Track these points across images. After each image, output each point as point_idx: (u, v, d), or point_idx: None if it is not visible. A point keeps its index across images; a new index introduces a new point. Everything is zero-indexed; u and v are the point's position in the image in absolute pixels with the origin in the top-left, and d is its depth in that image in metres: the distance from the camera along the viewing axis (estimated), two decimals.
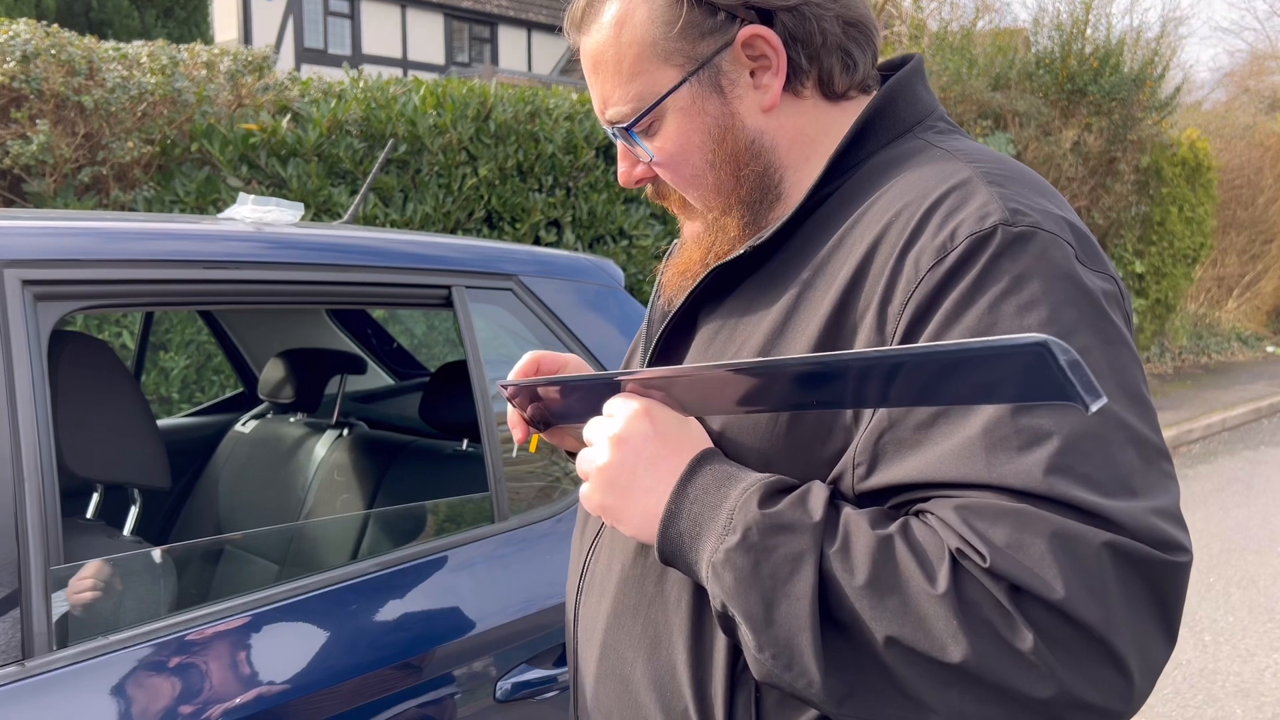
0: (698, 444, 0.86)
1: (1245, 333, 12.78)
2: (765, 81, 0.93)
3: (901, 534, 0.74)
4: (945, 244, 0.79)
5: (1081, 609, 0.68)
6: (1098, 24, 9.45)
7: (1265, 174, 12.64)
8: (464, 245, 2.00)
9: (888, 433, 0.78)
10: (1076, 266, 0.78)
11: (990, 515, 0.71)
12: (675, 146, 0.95)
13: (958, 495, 0.74)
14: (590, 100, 5.68)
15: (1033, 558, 0.69)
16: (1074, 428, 0.72)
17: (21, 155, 3.86)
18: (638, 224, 5.86)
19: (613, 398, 0.89)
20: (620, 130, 0.96)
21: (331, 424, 2.65)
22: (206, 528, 2.63)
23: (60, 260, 1.39)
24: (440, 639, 1.59)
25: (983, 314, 0.76)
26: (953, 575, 0.71)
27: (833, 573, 0.74)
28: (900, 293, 0.80)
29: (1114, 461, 0.73)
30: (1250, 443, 7.85)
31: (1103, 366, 0.75)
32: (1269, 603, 4.40)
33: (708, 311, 0.97)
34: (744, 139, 0.94)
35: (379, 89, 4.99)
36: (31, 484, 1.26)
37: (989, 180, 0.83)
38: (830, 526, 0.76)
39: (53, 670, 1.24)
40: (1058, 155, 8.76)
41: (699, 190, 0.97)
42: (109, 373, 1.71)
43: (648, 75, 0.93)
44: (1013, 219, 0.79)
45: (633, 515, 0.85)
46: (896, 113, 0.94)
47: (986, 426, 0.73)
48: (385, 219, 4.88)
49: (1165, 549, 0.71)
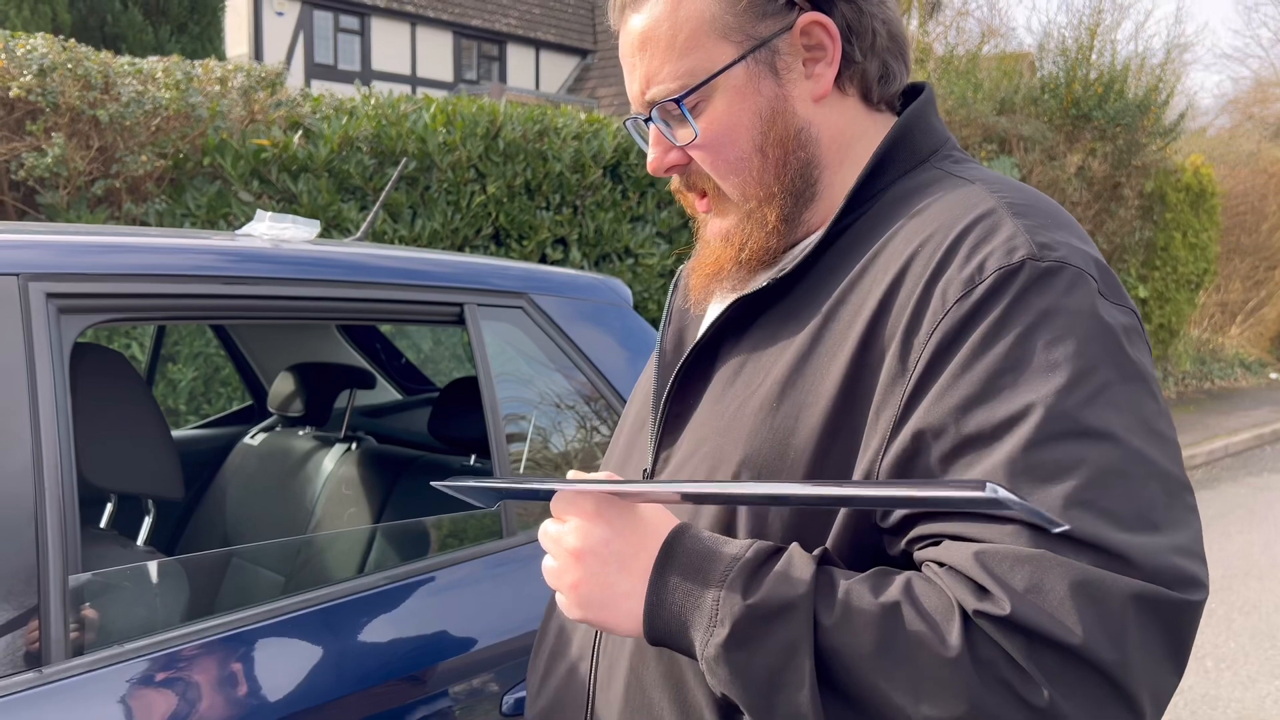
0: (661, 525, 0.84)
1: (1249, 358, 12.78)
2: (819, 71, 0.93)
3: (907, 598, 0.73)
4: (973, 276, 0.80)
5: (1100, 653, 0.68)
6: (1102, 50, 9.52)
7: (1269, 200, 12.67)
8: (476, 263, 2.03)
9: (914, 460, 0.78)
10: (1099, 302, 0.79)
11: (1010, 561, 0.71)
12: (723, 127, 0.92)
13: (975, 541, 0.73)
14: (598, 119, 5.77)
15: (1053, 603, 0.69)
16: (1098, 462, 0.73)
17: (36, 167, 3.91)
18: (644, 242, 5.89)
19: (556, 498, 0.86)
20: (659, 111, 0.94)
21: (340, 438, 2.67)
22: (214, 540, 2.64)
23: (84, 274, 1.42)
24: (446, 653, 1.60)
25: (1010, 349, 0.76)
26: (964, 635, 0.70)
27: (837, 648, 0.73)
28: (926, 323, 0.80)
29: (1136, 496, 0.73)
30: (1253, 469, 7.85)
31: (1122, 401, 0.76)
32: (1271, 629, 4.40)
33: (730, 346, 0.95)
34: (794, 125, 0.93)
35: (390, 106, 5.03)
36: (52, 494, 1.28)
37: (1013, 211, 0.84)
38: (825, 596, 0.75)
39: (69, 678, 1.26)
40: (1062, 180, 8.80)
41: (740, 176, 0.94)
42: (127, 384, 1.73)
43: (703, 51, 0.91)
44: (1039, 253, 0.80)
45: (618, 622, 0.83)
46: (913, 143, 0.95)
47: (1011, 457, 0.73)
48: (394, 235, 4.92)
49: (1184, 588, 0.71)
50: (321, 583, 1.89)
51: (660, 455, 0.98)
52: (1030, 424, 0.74)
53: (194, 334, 4.50)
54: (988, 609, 0.70)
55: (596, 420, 2.01)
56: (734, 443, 0.88)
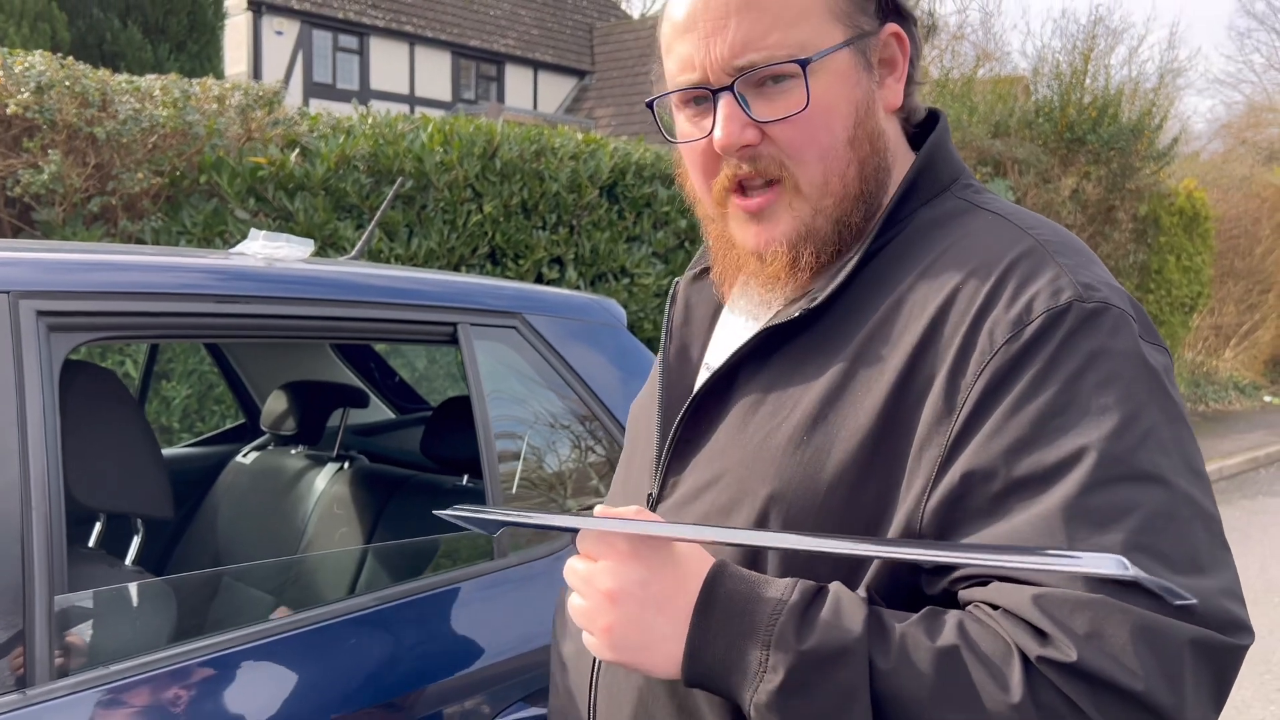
0: (698, 565, 0.81)
1: (1243, 382, 12.80)
2: (890, 83, 0.93)
3: (964, 642, 0.72)
4: (1021, 316, 0.80)
5: (1160, 698, 0.69)
6: (1096, 74, 9.60)
7: (1262, 224, 12.74)
8: (470, 283, 2.03)
9: (961, 501, 0.77)
10: (1141, 344, 0.80)
11: (1070, 606, 0.70)
12: (825, 105, 0.88)
13: (1029, 584, 0.72)
14: (595, 140, 5.79)
15: (1116, 649, 0.69)
16: (1151, 506, 0.73)
17: (32, 184, 3.91)
18: (639, 262, 5.90)
19: (583, 536, 0.83)
20: (744, 81, 0.87)
21: (332, 457, 2.66)
22: (206, 559, 2.63)
23: (74, 292, 1.42)
24: (436, 675, 1.59)
25: (1060, 391, 0.77)
26: (1025, 680, 0.70)
27: (895, 693, 0.72)
28: (974, 363, 0.80)
29: (1185, 539, 0.74)
30: (1248, 492, 7.84)
31: (1169, 443, 0.77)
32: (1265, 653, 4.38)
33: (750, 374, 0.92)
34: (877, 127, 0.92)
35: (387, 125, 5.05)
36: (39, 513, 1.27)
37: (1051, 250, 0.84)
38: (879, 640, 0.74)
39: (54, 699, 1.24)
40: (1057, 203, 8.85)
41: (825, 165, 0.89)
42: (117, 403, 1.73)
43: (813, 25, 0.88)
44: (1085, 294, 0.80)
45: (655, 664, 0.80)
46: (937, 171, 0.94)
47: (1066, 501, 0.73)
48: (390, 254, 4.92)
49: (1233, 632, 0.72)
50: (312, 603, 1.88)
51: (668, 482, 0.96)
52: (1084, 468, 0.74)
53: (188, 352, 4.49)
54: (1051, 655, 0.70)
55: (590, 440, 2.01)
56: (760, 476, 0.86)
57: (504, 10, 18.58)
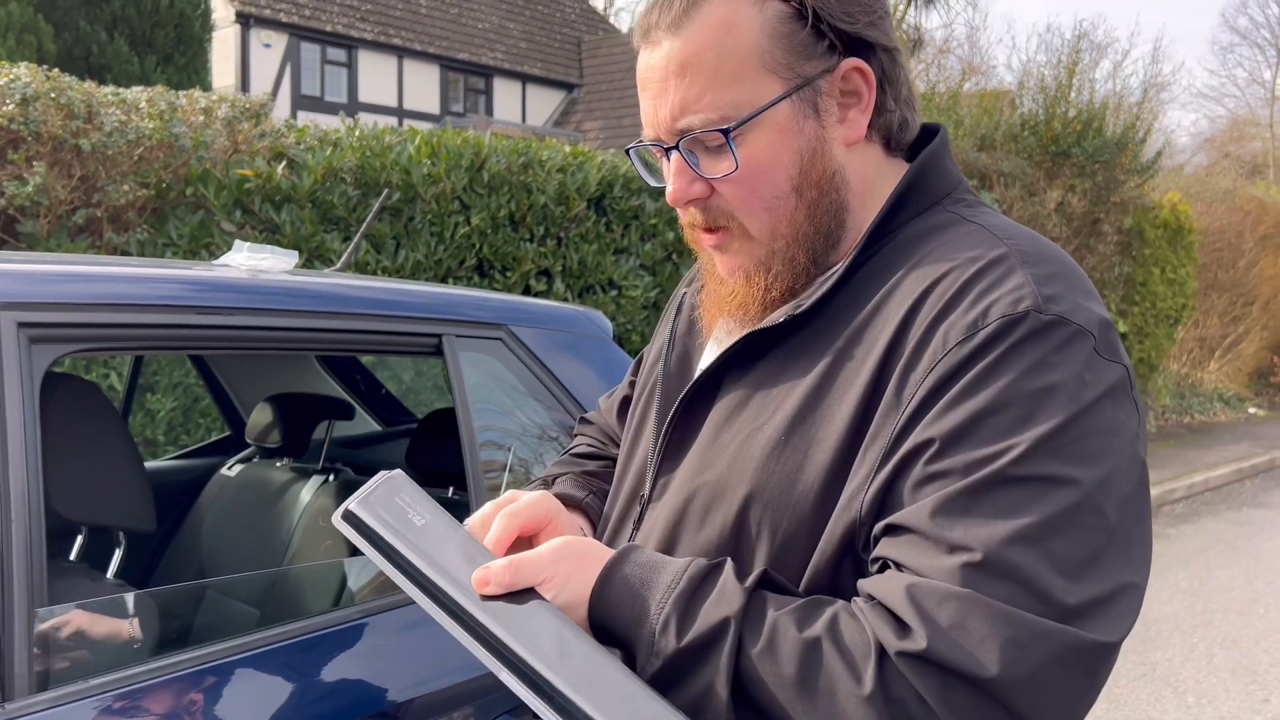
0: (600, 552, 0.87)
1: (1228, 393, 12.88)
2: (852, 116, 0.94)
3: (830, 634, 0.77)
4: (977, 321, 0.82)
5: (1009, 688, 0.71)
6: (1081, 88, 9.67)
7: (1245, 237, 12.83)
8: (455, 294, 2.03)
9: (893, 488, 0.81)
10: (1093, 359, 0.81)
11: (938, 596, 0.74)
12: (763, 163, 0.91)
13: (914, 573, 0.76)
14: (583, 152, 5.80)
15: (973, 640, 0.72)
16: (1055, 506, 0.76)
17: (17, 196, 3.89)
18: (627, 274, 5.91)
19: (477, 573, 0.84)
20: (689, 141, 0.92)
21: (318, 469, 2.65)
22: (190, 571, 2.61)
23: (56, 304, 1.41)
24: (425, 687, 1.58)
25: (998, 393, 0.79)
26: (879, 674, 0.73)
27: (760, 676, 0.77)
28: (925, 361, 0.82)
29: (1081, 545, 0.76)
30: (1233, 503, 7.88)
31: (1096, 455, 0.78)
32: (1251, 664, 4.40)
33: (735, 377, 0.96)
34: (829, 168, 0.93)
35: (374, 138, 5.05)
36: (18, 526, 1.26)
37: (1024, 260, 0.86)
38: (753, 621, 0.79)
39: (32, 714, 1.23)
40: (1042, 215, 8.90)
41: (772, 215, 0.93)
42: (99, 416, 1.72)
43: (749, 84, 0.90)
44: (1044, 306, 0.82)
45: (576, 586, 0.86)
46: (928, 184, 0.96)
47: (974, 486, 0.77)
48: (377, 266, 4.91)
49: (1100, 630, 0.74)
50: (296, 616, 1.87)
51: (659, 481, 1.00)
52: (1001, 463, 0.77)
53: (173, 364, 4.47)
54: (906, 647, 0.73)
55: None
56: (739, 476, 0.89)
57: (492, 24, 18.63)
